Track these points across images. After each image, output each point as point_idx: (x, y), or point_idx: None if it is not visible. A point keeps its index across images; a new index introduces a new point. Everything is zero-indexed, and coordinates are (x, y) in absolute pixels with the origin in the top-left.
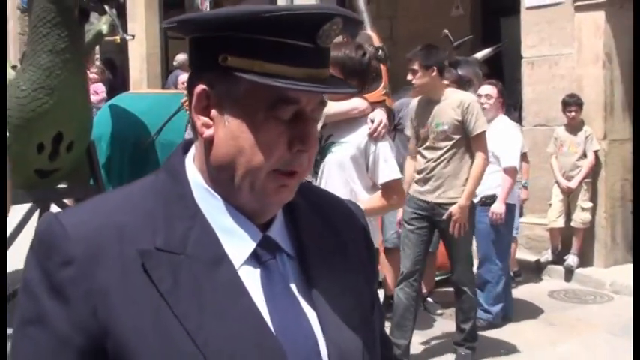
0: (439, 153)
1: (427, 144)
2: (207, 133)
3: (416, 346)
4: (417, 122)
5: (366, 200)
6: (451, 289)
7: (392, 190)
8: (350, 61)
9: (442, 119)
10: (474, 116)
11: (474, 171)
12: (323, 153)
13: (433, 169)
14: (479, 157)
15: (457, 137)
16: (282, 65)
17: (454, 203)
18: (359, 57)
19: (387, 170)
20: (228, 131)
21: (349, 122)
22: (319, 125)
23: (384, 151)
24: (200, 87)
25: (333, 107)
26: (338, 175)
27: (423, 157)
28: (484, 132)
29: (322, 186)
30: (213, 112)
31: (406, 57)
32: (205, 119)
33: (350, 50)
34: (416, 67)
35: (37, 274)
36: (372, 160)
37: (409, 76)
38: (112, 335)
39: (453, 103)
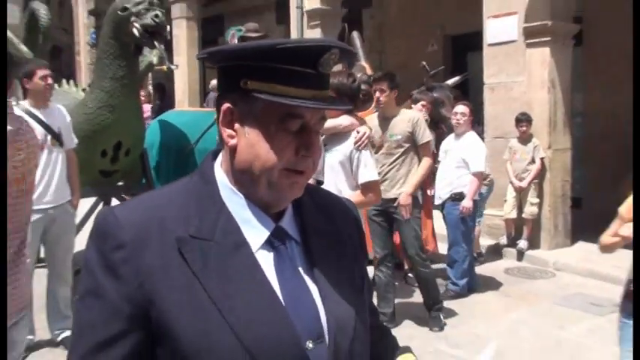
0: (393, 158)
1: (382, 151)
2: (232, 142)
3: (399, 312)
4: (375, 134)
5: (349, 196)
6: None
7: (369, 189)
8: (342, 86)
9: (396, 131)
10: (422, 129)
11: (420, 169)
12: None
13: (388, 172)
14: (425, 160)
15: (407, 145)
16: (291, 87)
17: None
18: (349, 83)
19: (366, 173)
20: (248, 141)
21: (339, 135)
22: None
23: (365, 157)
24: (226, 105)
25: (326, 123)
26: (329, 176)
27: (380, 162)
28: (429, 141)
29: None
30: (236, 125)
31: (374, 78)
32: (230, 131)
33: (342, 77)
34: (384, 87)
35: (94, 256)
36: (355, 164)
37: (377, 94)
38: (155, 306)
39: (405, 118)
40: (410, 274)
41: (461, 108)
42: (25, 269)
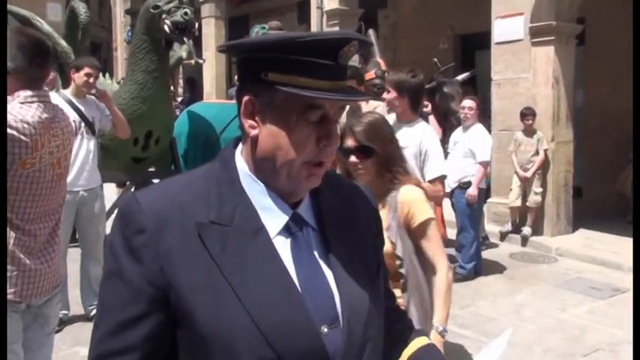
0: None
1: None
2: (253, 133)
3: None
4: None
5: (426, 187)
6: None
7: (438, 183)
8: (402, 83)
9: None
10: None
11: None
12: None
13: None
14: None
15: None
16: (311, 79)
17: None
18: (409, 78)
19: (437, 167)
20: (269, 131)
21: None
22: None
23: (436, 150)
24: (247, 97)
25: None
26: None
27: None
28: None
29: None
30: (257, 116)
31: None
32: (251, 122)
33: (402, 74)
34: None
35: (118, 239)
36: (423, 158)
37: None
38: (174, 288)
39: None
40: None
41: (468, 102)
42: (58, 249)
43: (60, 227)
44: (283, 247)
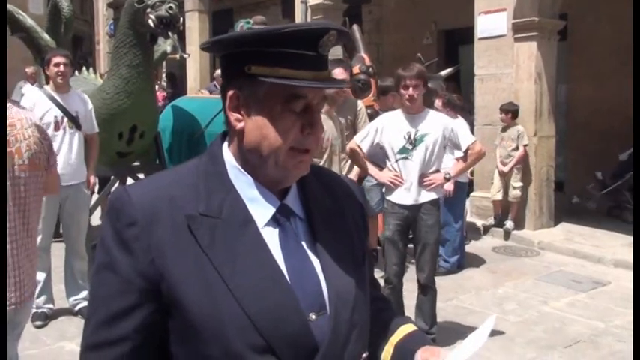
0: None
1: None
2: (239, 126)
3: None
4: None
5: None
6: None
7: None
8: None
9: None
10: (364, 117)
11: None
12: (415, 143)
13: None
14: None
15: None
16: (294, 70)
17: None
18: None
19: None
20: (255, 123)
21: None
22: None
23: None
24: (231, 91)
25: None
26: (425, 158)
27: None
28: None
29: (420, 161)
30: (243, 109)
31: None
32: (237, 115)
33: (420, 64)
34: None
35: (109, 232)
36: (454, 135)
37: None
38: (165, 279)
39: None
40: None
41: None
42: (33, 257)
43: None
44: (271, 237)
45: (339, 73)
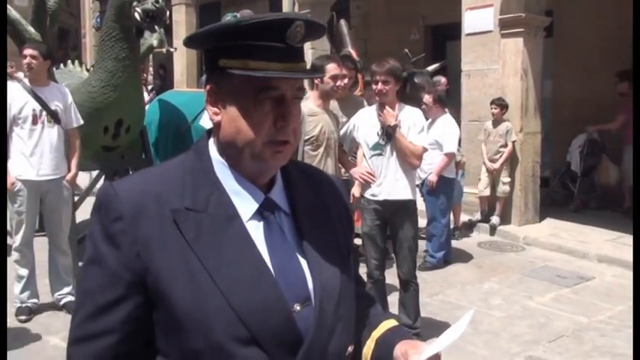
0: None
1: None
2: (217, 119)
3: None
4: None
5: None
6: None
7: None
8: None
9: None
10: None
11: None
12: (388, 138)
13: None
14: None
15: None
16: (263, 61)
17: None
18: (398, 65)
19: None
20: (230, 116)
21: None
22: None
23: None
24: (209, 86)
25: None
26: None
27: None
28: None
29: (393, 156)
30: (219, 103)
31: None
32: (215, 109)
33: (394, 62)
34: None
35: (96, 227)
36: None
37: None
38: (151, 273)
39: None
40: None
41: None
42: None
43: None
44: (256, 230)
45: (332, 68)
